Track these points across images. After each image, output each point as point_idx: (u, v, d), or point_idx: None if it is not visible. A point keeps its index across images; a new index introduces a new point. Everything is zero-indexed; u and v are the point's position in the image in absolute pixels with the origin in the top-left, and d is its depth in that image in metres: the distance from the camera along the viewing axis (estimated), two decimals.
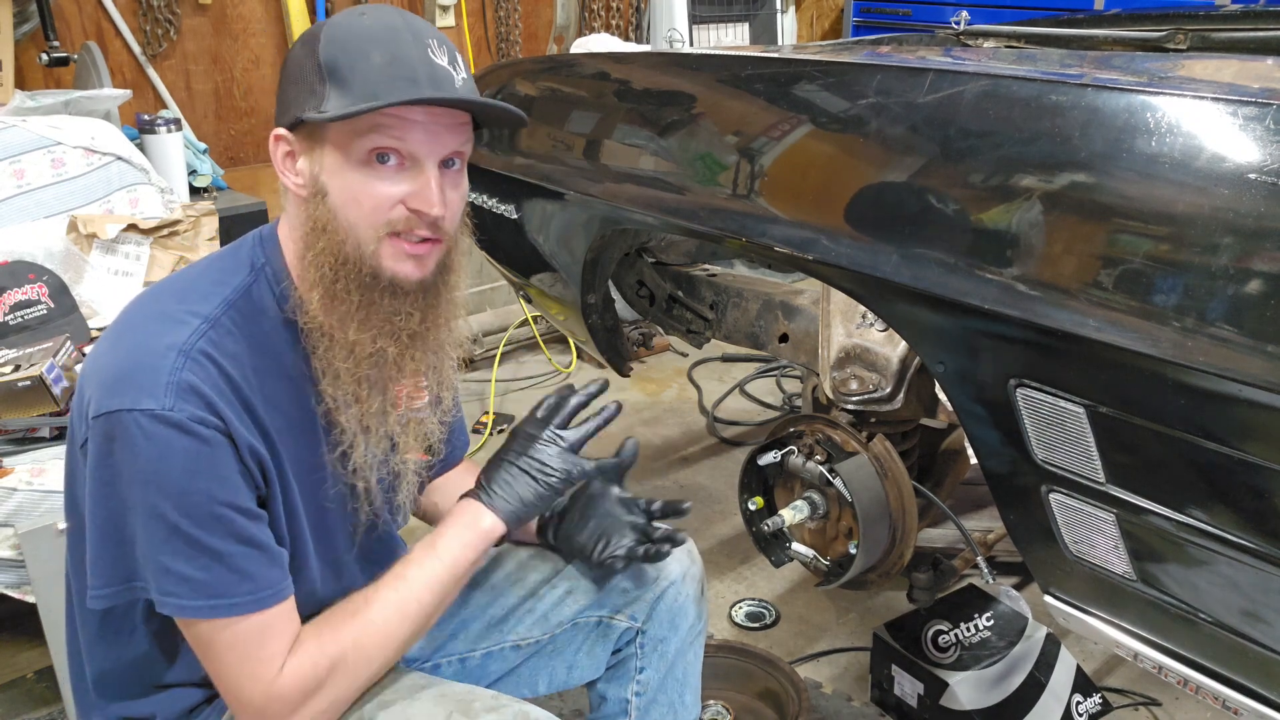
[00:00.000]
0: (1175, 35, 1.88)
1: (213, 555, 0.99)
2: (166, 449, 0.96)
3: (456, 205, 1.08)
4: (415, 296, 1.08)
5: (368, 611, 1.09)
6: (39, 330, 2.06)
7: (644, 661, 1.35)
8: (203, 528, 0.98)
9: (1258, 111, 0.94)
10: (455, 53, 1.06)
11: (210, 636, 1.02)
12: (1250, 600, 1.06)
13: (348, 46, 1.01)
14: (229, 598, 1.00)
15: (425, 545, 1.15)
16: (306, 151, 1.05)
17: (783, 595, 2.33)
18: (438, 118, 1.03)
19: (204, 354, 1.00)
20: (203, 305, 1.04)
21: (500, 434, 3.12)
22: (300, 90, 1.03)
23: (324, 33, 1.03)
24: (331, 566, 1.18)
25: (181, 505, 0.97)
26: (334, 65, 1.01)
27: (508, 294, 3.69)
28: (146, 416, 0.95)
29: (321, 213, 1.04)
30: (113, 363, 1.01)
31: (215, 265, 1.11)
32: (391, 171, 1.02)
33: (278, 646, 1.03)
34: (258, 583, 1.02)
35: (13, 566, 1.66)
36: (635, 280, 2.25)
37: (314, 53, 1.02)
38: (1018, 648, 1.84)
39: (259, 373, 1.05)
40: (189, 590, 0.99)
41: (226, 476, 1.00)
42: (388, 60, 1.00)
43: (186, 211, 2.42)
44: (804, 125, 1.33)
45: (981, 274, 1.09)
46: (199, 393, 0.98)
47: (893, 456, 1.69)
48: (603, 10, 4.40)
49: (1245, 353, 0.91)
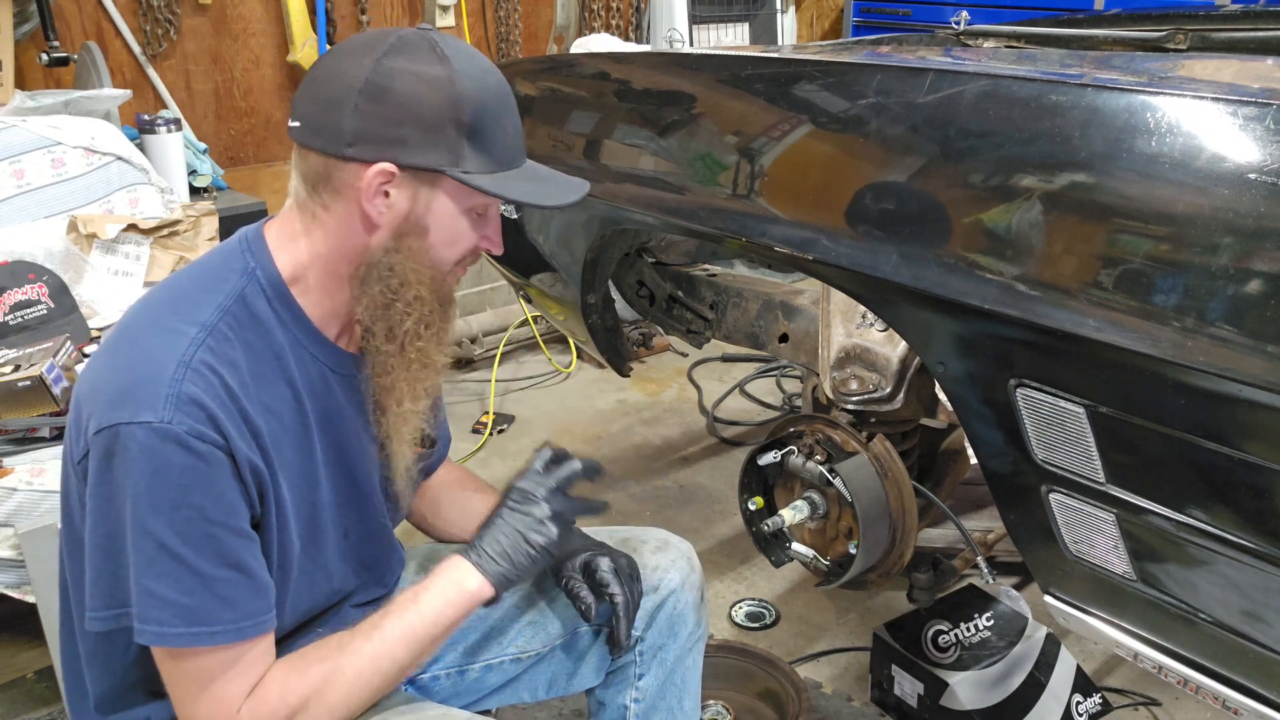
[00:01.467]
0: (1175, 35, 1.88)
1: (199, 579, 0.97)
2: (163, 463, 0.95)
3: None
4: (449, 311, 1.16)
5: (339, 659, 1.06)
6: (39, 330, 2.06)
7: (643, 669, 1.35)
8: (192, 547, 0.97)
9: (1258, 111, 0.94)
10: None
11: (178, 662, 1.01)
12: (1250, 600, 1.06)
13: (487, 108, 1.05)
14: (210, 625, 0.98)
15: (409, 598, 1.11)
16: (411, 190, 1.05)
17: (783, 595, 2.33)
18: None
19: (205, 364, 0.99)
20: (198, 313, 1.03)
21: (500, 434, 3.12)
22: (433, 137, 1.03)
23: (458, 85, 1.03)
24: (322, 570, 1.17)
25: (173, 522, 0.96)
26: (477, 128, 1.04)
27: (508, 294, 3.69)
28: (144, 429, 0.94)
29: (418, 247, 1.08)
30: (111, 378, 1.00)
31: (204, 272, 1.10)
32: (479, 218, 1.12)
33: (243, 683, 1.02)
34: (240, 612, 1.00)
35: (13, 566, 1.66)
36: (635, 280, 2.25)
37: (457, 104, 1.02)
38: (1018, 648, 1.84)
39: (256, 378, 1.05)
40: (171, 615, 0.97)
41: (222, 494, 0.99)
42: (514, 131, 1.09)
43: (186, 211, 2.42)
44: (804, 125, 1.33)
45: (981, 274, 1.09)
46: (200, 404, 0.97)
47: (893, 456, 1.69)
48: (603, 10, 4.40)
49: (1245, 353, 0.91)
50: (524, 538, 1.15)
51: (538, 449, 1.24)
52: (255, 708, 1.02)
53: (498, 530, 1.16)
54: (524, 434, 3.14)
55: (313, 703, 1.04)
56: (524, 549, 1.15)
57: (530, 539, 1.15)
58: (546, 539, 1.16)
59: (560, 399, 3.40)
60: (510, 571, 1.14)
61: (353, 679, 1.06)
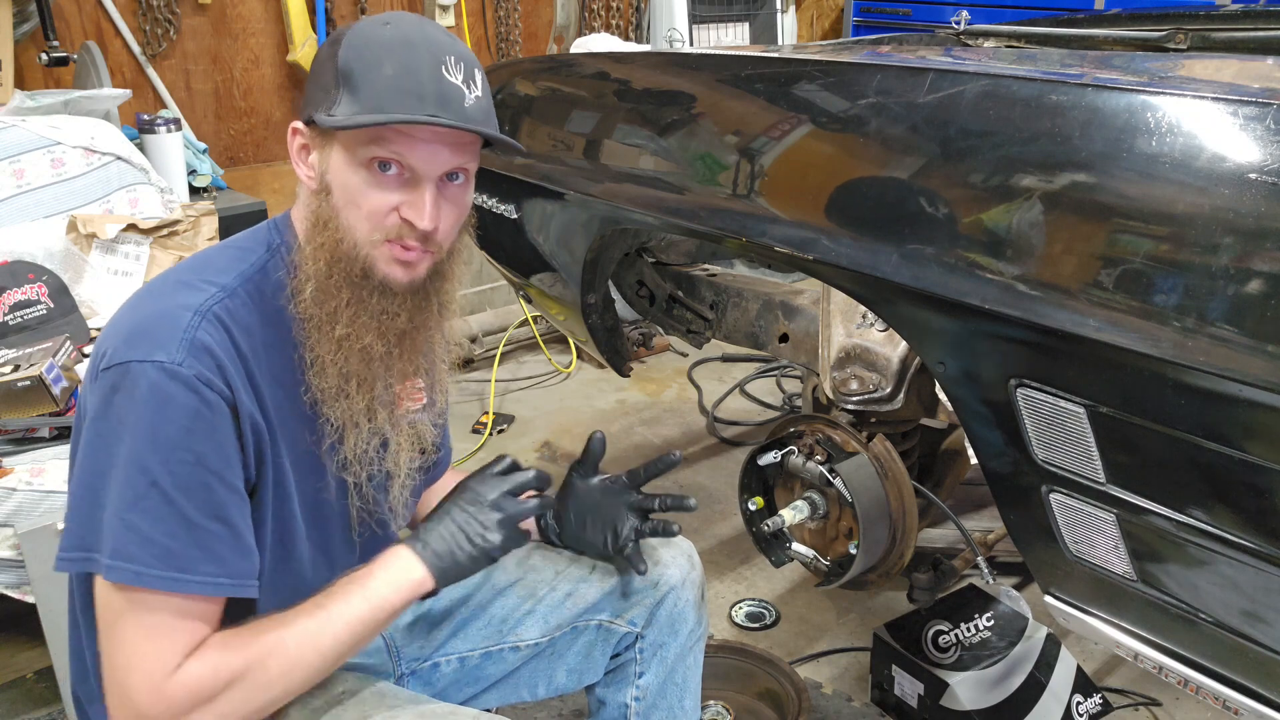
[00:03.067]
0: (1175, 35, 1.88)
1: (186, 524, 0.97)
2: (168, 402, 0.96)
3: (452, 220, 1.09)
4: (404, 298, 1.09)
5: (280, 632, 1.03)
6: (39, 330, 2.06)
7: (643, 666, 1.35)
8: (184, 491, 0.96)
9: (1258, 111, 0.94)
10: (474, 69, 1.07)
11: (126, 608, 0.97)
12: (1250, 600, 1.06)
13: (364, 54, 1.03)
14: (189, 573, 0.97)
15: (353, 582, 1.09)
16: (318, 148, 1.07)
17: (783, 595, 2.33)
18: (441, 136, 1.04)
19: (218, 317, 1.02)
20: (221, 277, 1.06)
21: (500, 434, 3.12)
22: (317, 89, 1.06)
23: (346, 37, 1.05)
24: (325, 556, 1.17)
25: (169, 462, 0.96)
26: (348, 71, 1.03)
27: (508, 294, 3.69)
28: (155, 368, 0.96)
29: (325, 208, 1.06)
30: (130, 323, 1.02)
31: (233, 244, 1.13)
32: (392, 180, 1.04)
33: (183, 645, 0.98)
34: (223, 568, 0.99)
35: (13, 566, 1.66)
36: (635, 280, 2.25)
37: (334, 55, 1.04)
38: (1018, 648, 1.84)
39: (269, 348, 1.06)
40: (150, 555, 0.95)
41: (221, 444, 0.99)
42: (399, 73, 1.02)
43: (186, 211, 2.41)
44: (804, 125, 1.33)
45: (982, 274, 1.09)
46: (211, 352, 0.99)
47: (893, 456, 1.69)
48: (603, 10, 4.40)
49: (1245, 353, 0.91)
50: (466, 536, 1.14)
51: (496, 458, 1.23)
52: (191, 672, 0.98)
53: (442, 526, 1.15)
54: (524, 434, 3.14)
55: (252, 673, 1.00)
56: (465, 548, 1.13)
57: (472, 538, 1.14)
58: (487, 542, 1.14)
59: (560, 399, 3.40)
60: (451, 568, 1.13)
61: (293, 653, 1.03)
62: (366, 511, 1.19)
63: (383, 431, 1.15)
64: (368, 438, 1.13)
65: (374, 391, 1.12)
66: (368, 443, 1.14)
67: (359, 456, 1.14)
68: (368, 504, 1.19)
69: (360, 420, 1.12)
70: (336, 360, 1.08)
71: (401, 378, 1.15)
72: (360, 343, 1.08)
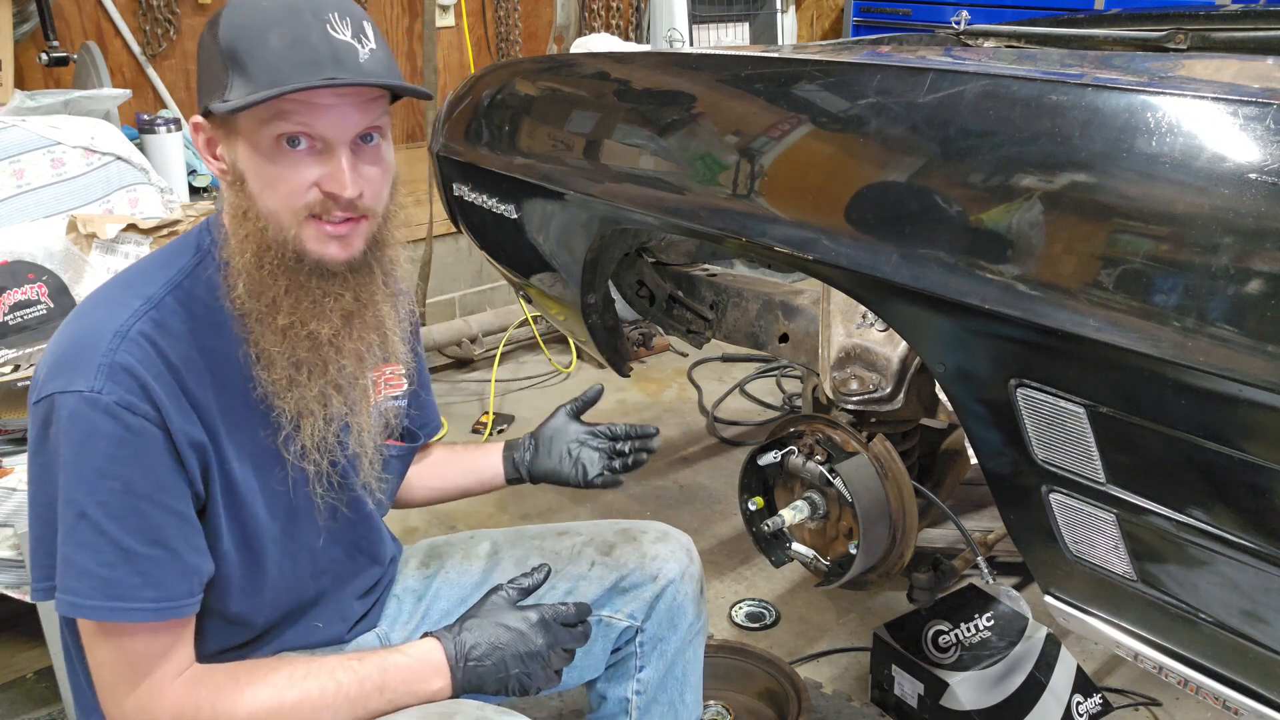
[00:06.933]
0: (1175, 35, 1.88)
1: (120, 552, 0.96)
2: (91, 432, 0.95)
3: (377, 181, 1.05)
4: (344, 277, 1.06)
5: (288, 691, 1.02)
6: (39, 330, 2.06)
7: (643, 660, 1.36)
8: (114, 519, 0.96)
9: (1258, 111, 0.94)
10: (363, 21, 1.01)
11: (99, 641, 0.99)
12: (1250, 600, 1.06)
13: (246, 31, 0.98)
14: (128, 601, 0.96)
15: (377, 665, 1.06)
16: (223, 138, 1.03)
17: (783, 595, 2.33)
18: (344, 97, 0.99)
19: (142, 335, 0.99)
20: (146, 288, 1.04)
21: (500, 434, 3.12)
22: (207, 77, 1.01)
23: (224, 15, 1.00)
24: (306, 551, 1.16)
25: (96, 491, 0.95)
26: (234, 52, 0.98)
27: (508, 294, 3.69)
28: (76, 398, 0.95)
29: (242, 199, 1.03)
30: (54, 350, 1.01)
31: (163, 251, 1.11)
32: (303, 155, 1.00)
33: (168, 668, 1.00)
34: (161, 592, 0.98)
35: (13, 566, 1.66)
36: (635, 280, 2.25)
37: (215, 38, 1.00)
38: (1018, 648, 1.84)
39: (205, 353, 1.04)
40: (88, 587, 0.95)
41: (151, 468, 0.98)
42: (287, 43, 0.97)
43: (186, 211, 2.42)
44: (804, 125, 1.33)
45: (981, 274, 1.09)
46: (133, 374, 0.97)
47: (893, 456, 1.69)
48: (603, 10, 4.40)
49: (1245, 353, 0.91)
50: (508, 668, 1.08)
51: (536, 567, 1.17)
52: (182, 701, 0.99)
53: (493, 660, 1.08)
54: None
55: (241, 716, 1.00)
56: (502, 679, 1.08)
57: (512, 674, 1.08)
58: (525, 685, 1.09)
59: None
60: (476, 690, 1.09)
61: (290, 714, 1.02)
62: (335, 497, 1.16)
63: (341, 415, 1.12)
64: (324, 424, 1.10)
65: (326, 375, 1.08)
66: (326, 428, 1.11)
67: (318, 444, 1.10)
68: (335, 489, 1.15)
69: (314, 407, 1.08)
70: (284, 350, 1.05)
71: (355, 358, 1.10)
72: (305, 329, 1.05)
